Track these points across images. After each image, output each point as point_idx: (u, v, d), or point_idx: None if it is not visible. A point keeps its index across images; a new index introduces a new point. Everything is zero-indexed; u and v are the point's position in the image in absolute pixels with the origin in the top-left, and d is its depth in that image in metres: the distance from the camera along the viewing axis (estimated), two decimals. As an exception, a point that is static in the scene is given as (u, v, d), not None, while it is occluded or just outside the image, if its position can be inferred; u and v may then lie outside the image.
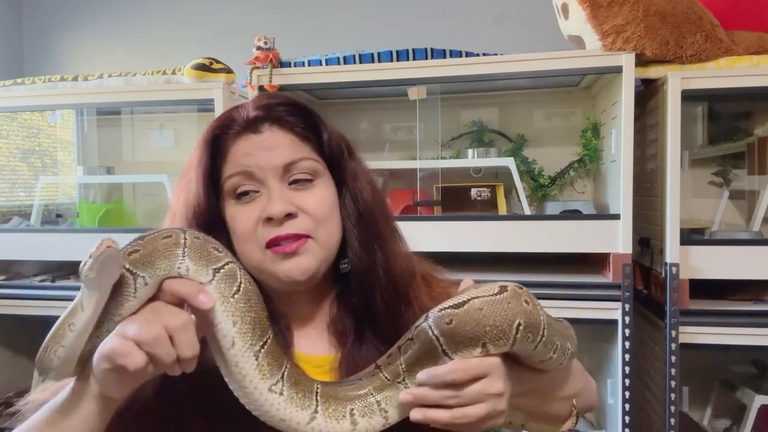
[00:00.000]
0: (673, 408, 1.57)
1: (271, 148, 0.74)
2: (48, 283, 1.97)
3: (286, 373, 0.64)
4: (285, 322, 0.77)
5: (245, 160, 0.74)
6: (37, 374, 0.61)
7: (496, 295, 0.62)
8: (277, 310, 0.76)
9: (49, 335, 0.61)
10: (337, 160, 0.78)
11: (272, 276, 0.73)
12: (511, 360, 0.67)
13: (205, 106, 1.90)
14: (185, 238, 0.63)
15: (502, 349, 0.63)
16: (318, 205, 0.74)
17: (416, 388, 0.63)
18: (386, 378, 0.66)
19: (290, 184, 0.74)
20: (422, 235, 1.68)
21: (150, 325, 0.57)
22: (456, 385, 0.61)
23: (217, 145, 0.76)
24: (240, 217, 0.73)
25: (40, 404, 0.67)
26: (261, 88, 1.78)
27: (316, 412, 0.63)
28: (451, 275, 0.87)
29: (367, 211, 0.78)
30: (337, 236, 0.76)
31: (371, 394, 0.65)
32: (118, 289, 0.60)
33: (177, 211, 0.77)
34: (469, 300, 0.62)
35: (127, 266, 0.60)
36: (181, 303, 0.62)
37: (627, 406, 1.60)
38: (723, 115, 1.96)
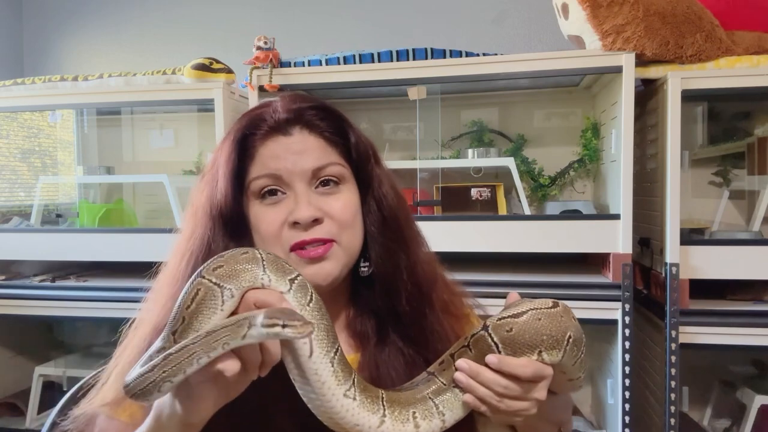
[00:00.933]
0: (673, 408, 1.57)
1: (300, 152, 0.74)
2: (48, 283, 1.97)
3: (356, 380, 0.67)
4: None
5: (274, 163, 0.74)
6: (125, 393, 0.58)
7: (551, 308, 0.68)
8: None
9: (158, 365, 0.57)
10: (364, 165, 0.79)
11: None
12: None
13: (205, 106, 1.90)
14: (260, 254, 0.66)
15: (554, 359, 0.67)
16: (343, 210, 0.75)
17: (476, 365, 0.66)
18: (443, 383, 0.69)
19: (316, 187, 0.75)
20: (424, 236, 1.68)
21: None
22: (517, 379, 0.64)
23: (244, 144, 0.75)
24: (266, 218, 0.74)
25: (89, 417, 0.69)
26: (261, 88, 1.78)
27: (384, 416, 0.66)
28: (451, 276, 0.88)
29: (392, 216, 0.79)
30: (359, 241, 0.77)
31: (430, 398, 0.69)
32: (205, 304, 0.62)
33: (199, 207, 0.76)
34: (527, 311, 0.67)
35: (214, 280, 0.62)
36: None
37: (627, 406, 1.60)
38: (723, 115, 1.96)
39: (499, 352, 0.66)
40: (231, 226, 0.74)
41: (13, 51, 2.69)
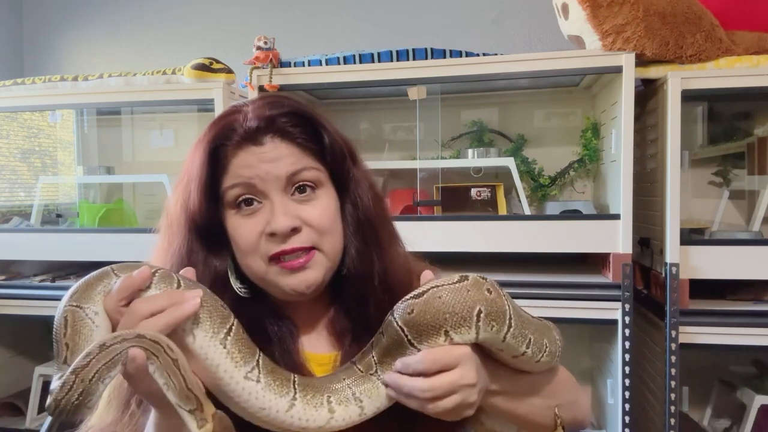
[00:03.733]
0: (673, 408, 1.57)
1: (272, 160, 0.72)
2: (48, 283, 1.97)
3: (260, 361, 0.64)
4: (290, 324, 0.78)
5: (246, 172, 0.72)
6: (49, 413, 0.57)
7: (455, 283, 0.64)
8: (280, 314, 0.77)
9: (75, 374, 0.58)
10: (339, 167, 0.77)
11: (275, 287, 0.73)
12: (486, 357, 0.68)
13: (205, 106, 1.90)
14: (111, 267, 0.67)
15: (465, 338, 0.63)
16: (321, 216, 0.73)
17: (395, 374, 0.64)
18: (359, 370, 0.67)
19: (292, 194, 0.74)
20: (422, 235, 1.68)
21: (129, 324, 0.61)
22: (427, 374, 0.62)
23: (216, 155, 0.74)
24: (242, 231, 0.73)
25: None
26: (261, 88, 1.78)
27: (294, 399, 0.63)
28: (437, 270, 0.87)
29: (367, 219, 0.78)
30: (341, 245, 0.76)
31: (347, 385, 0.66)
32: (78, 325, 0.65)
33: (174, 219, 0.76)
34: (429, 289, 0.64)
35: (74, 304, 0.66)
36: None
37: (627, 406, 1.60)
38: (723, 115, 1.96)
39: (407, 337, 0.63)
40: (208, 238, 0.74)
41: (13, 51, 2.69)
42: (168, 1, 2.57)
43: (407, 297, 0.65)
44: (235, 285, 0.75)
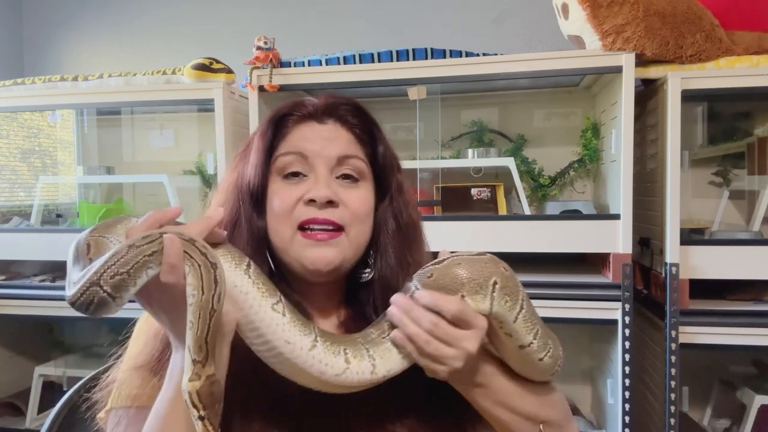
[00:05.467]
0: (673, 408, 1.57)
1: (329, 139, 0.76)
2: (48, 283, 1.97)
3: (283, 299, 0.66)
4: (304, 308, 0.77)
5: (303, 144, 0.76)
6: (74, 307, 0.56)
7: (475, 255, 0.68)
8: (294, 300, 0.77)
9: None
10: (387, 174, 0.80)
11: (296, 260, 0.74)
12: (484, 352, 0.71)
13: (205, 106, 1.90)
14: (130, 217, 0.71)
15: (480, 306, 0.66)
16: (359, 202, 0.76)
17: (406, 299, 0.66)
18: (373, 332, 0.68)
19: (337, 177, 0.76)
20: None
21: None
22: (442, 316, 0.64)
23: (279, 124, 0.78)
24: (282, 193, 0.75)
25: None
26: (261, 88, 1.78)
27: (316, 341, 0.64)
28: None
29: (408, 228, 0.80)
30: (366, 240, 0.78)
31: (361, 343, 0.67)
32: (100, 245, 0.65)
33: (231, 182, 0.79)
34: (449, 257, 0.68)
35: (98, 235, 0.66)
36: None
37: (627, 406, 1.60)
38: (723, 115, 1.96)
39: None
40: (257, 201, 0.76)
41: (13, 51, 2.69)
42: (168, 1, 2.57)
43: (427, 265, 0.68)
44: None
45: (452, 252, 0.70)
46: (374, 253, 0.79)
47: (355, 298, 0.80)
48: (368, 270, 0.79)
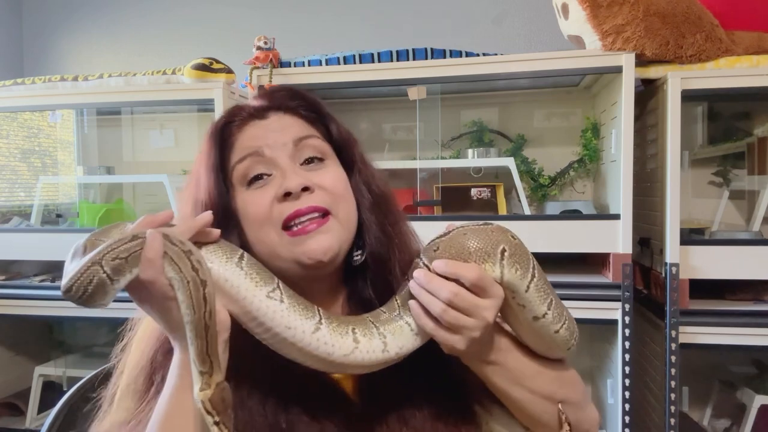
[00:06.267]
0: (673, 408, 1.57)
1: (278, 129, 0.74)
2: (48, 283, 1.97)
3: (281, 285, 0.65)
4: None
5: (254, 143, 0.73)
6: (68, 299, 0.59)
7: (480, 225, 0.66)
8: None
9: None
10: (349, 148, 0.78)
11: (291, 260, 0.70)
12: (498, 328, 0.69)
13: (205, 106, 1.90)
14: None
15: (492, 273, 0.64)
16: (333, 180, 0.73)
17: (424, 271, 0.64)
18: (383, 311, 0.67)
19: (301, 165, 0.73)
20: (422, 235, 1.68)
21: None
22: (461, 284, 0.62)
23: (224, 137, 0.75)
24: (253, 200, 0.71)
25: None
26: (261, 88, 1.78)
27: (320, 323, 0.63)
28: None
29: (383, 195, 0.77)
30: (355, 216, 0.74)
31: (371, 322, 0.66)
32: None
33: (187, 213, 0.74)
34: (454, 229, 0.66)
35: (93, 239, 0.67)
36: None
37: (627, 406, 1.60)
38: (723, 115, 1.96)
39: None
40: (221, 226, 0.69)
41: (13, 51, 2.69)
42: (168, 2, 2.57)
43: (433, 238, 0.66)
44: None
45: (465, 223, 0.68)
46: (361, 231, 0.75)
47: (354, 283, 0.77)
48: (359, 252, 0.75)
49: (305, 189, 0.69)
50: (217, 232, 0.67)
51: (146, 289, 0.60)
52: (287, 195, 0.69)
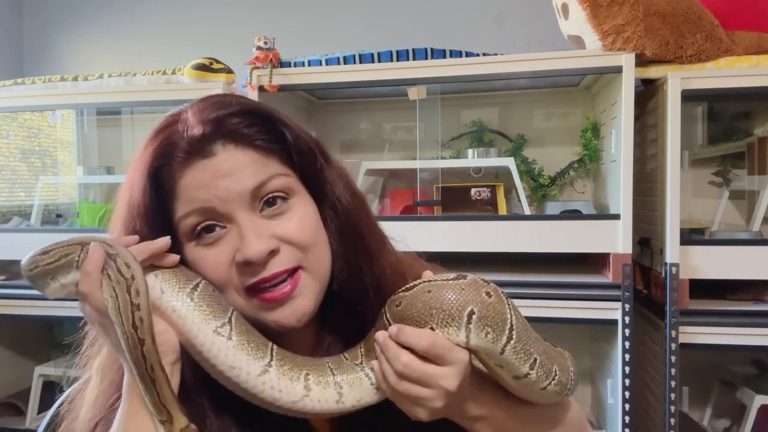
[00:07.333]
0: (673, 408, 1.57)
1: (230, 173, 0.60)
2: (48, 283, 1.97)
3: (234, 320, 0.60)
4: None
5: (201, 194, 0.60)
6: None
7: (449, 280, 0.59)
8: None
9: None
10: (310, 167, 0.66)
11: (261, 321, 0.64)
12: (483, 378, 0.65)
13: (205, 106, 1.90)
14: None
15: (454, 339, 0.58)
16: (301, 228, 0.63)
17: (384, 334, 0.60)
18: (345, 358, 0.64)
19: (261, 210, 0.63)
20: (422, 235, 1.68)
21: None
22: (415, 353, 0.57)
23: (160, 179, 0.62)
24: (205, 261, 0.62)
25: None
26: (261, 88, 1.78)
27: (269, 365, 0.59)
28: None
29: (350, 224, 0.68)
30: (329, 258, 0.66)
31: (329, 368, 0.62)
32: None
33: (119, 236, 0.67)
34: (420, 283, 0.60)
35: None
36: None
37: (627, 406, 1.60)
38: (723, 115, 1.96)
39: None
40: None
41: (13, 51, 2.69)
42: (168, 2, 2.57)
43: (399, 290, 0.61)
44: None
45: (436, 276, 0.61)
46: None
47: (329, 317, 0.70)
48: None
49: (271, 252, 0.61)
50: (174, 257, 0.61)
51: (86, 301, 0.60)
52: (249, 264, 0.61)
